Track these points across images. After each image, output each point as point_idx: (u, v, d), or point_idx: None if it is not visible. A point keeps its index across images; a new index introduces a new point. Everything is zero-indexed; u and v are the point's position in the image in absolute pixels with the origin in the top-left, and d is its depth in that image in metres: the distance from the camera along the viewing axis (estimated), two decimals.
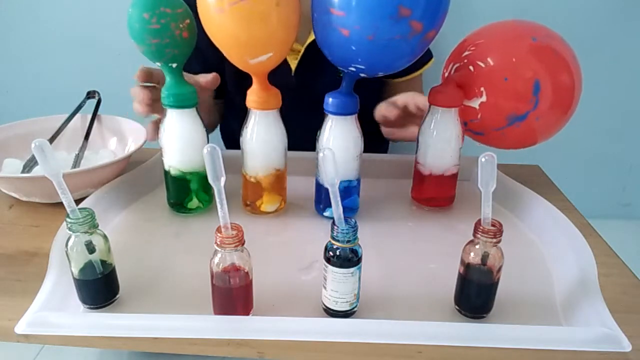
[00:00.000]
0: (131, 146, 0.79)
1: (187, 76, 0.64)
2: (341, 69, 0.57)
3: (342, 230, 0.44)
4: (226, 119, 0.99)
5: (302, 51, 0.82)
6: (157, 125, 0.65)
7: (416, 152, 0.69)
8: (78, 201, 0.52)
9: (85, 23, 1.33)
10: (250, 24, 0.52)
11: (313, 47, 0.79)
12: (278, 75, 0.61)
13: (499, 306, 0.49)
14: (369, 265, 0.53)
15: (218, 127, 1.02)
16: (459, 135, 0.65)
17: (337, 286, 0.46)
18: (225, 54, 0.57)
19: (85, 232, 0.45)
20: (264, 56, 0.55)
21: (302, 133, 0.68)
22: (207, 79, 0.67)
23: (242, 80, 0.60)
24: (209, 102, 0.81)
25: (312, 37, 0.79)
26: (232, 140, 1.05)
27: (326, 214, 0.66)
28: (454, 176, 0.68)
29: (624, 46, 1.29)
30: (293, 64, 0.83)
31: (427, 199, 0.70)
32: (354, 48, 0.52)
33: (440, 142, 0.65)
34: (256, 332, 0.44)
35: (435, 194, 0.69)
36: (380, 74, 0.57)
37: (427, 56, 0.92)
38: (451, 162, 0.66)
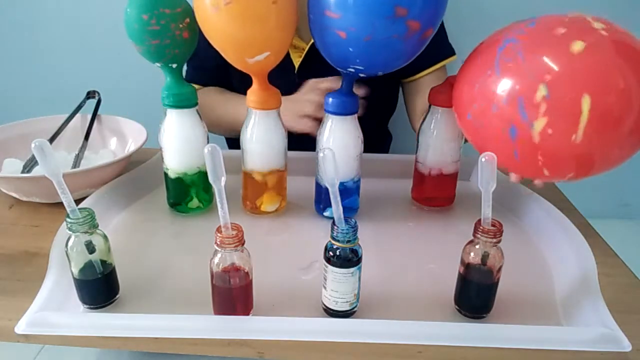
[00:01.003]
0: (131, 146, 0.79)
1: None
2: (340, 69, 0.57)
3: (342, 230, 0.44)
4: None
5: (307, 49, 0.81)
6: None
7: (416, 152, 0.69)
8: (78, 201, 0.52)
9: (85, 23, 1.33)
10: (246, 23, 0.51)
11: None
12: (281, 74, 0.61)
13: (499, 306, 0.49)
14: (369, 265, 0.53)
15: None
16: (459, 135, 0.65)
17: (337, 286, 0.46)
18: (222, 54, 0.56)
19: (85, 232, 0.45)
20: (261, 55, 0.54)
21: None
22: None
23: (246, 78, 0.60)
24: None
25: None
26: (234, 139, 1.04)
27: (326, 214, 0.66)
28: (454, 176, 0.68)
29: None
30: (297, 62, 0.83)
31: (427, 199, 0.70)
32: (351, 49, 0.52)
33: (440, 142, 0.65)
34: (256, 332, 0.44)
35: (436, 193, 0.69)
36: (380, 74, 0.57)
37: (448, 51, 0.86)
38: (451, 162, 0.66)
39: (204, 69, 0.87)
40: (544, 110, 0.45)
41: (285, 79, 0.61)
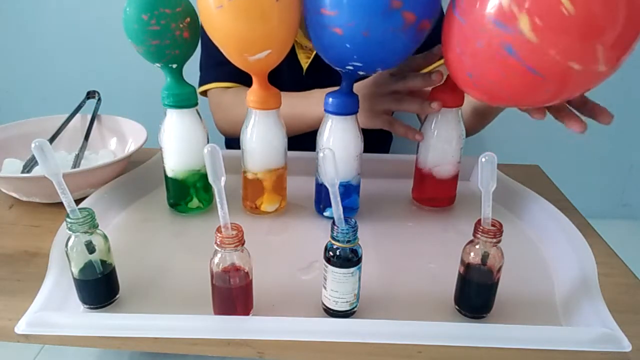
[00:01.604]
0: (131, 146, 0.79)
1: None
2: (338, 69, 0.57)
3: (342, 230, 0.44)
4: None
5: (315, 51, 0.81)
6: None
7: (417, 152, 0.69)
8: (78, 201, 0.52)
9: (85, 23, 1.33)
10: (249, 20, 0.51)
11: None
12: (289, 75, 0.60)
13: (499, 306, 0.49)
14: (369, 265, 0.53)
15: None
16: (459, 135, 0.65)
17: (337, 286, 0.46)
18: (224, 52, 0.56)
19: (85, 232, 0.45)
20: (262, 53, 0.54)
21: (310, 134, 0.68)
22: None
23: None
24: None
25: None
26: (234, 139, 1.04)
27: (326, 214, 0.66)
28: (455, 176, 0.68)
29: None
30: (305, 64, 0.83)
31: (427, 199, 0.70)
32: (348, 46, 0.52)
33: (441, 142, 0.65)
34: (256, 332, 0.44)
35: (436, 194, 0.69)
36: (379, 70, 0.57)
37: None
38: (452, 163, 0.66)
39: (225, 63, 0.86)
40: (517, 9, 0.44)
41: (294, 80, 0.60)
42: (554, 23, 0.43)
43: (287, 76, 0.59)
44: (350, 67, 0.55)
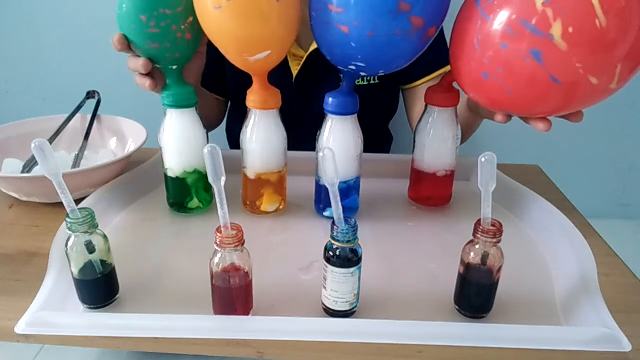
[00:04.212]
0: (131, 146, 0.79)
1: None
2: (341, 68, 0.57)
3: (342, 230, 0.44)
4: (231, 118, 0.99)
5: (305, 58, 0.81)
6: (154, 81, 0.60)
7: (413, 152, 0.69)
8: (78, 201, 0.52)
9: (85, 23, 1.33)
10: (249, 20, 0.51)
11: (316, 55, 0.79)
12: (279, 81, 0.61)
13: (499, 306, 0.49)
14: (369, 265, 0.53)
15: (224, 128, 1.02)
16: (455, 135, 0.65)
17: (337, 286, 0.46)
18: (223, 53, 0.56)
19: (85, 232, 0.45)
20: (262, 54, 0.54)
21: (300, 139, 0.68)
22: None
23: (245, 79, 0.60)
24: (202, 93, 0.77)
25: (315, 45, 0.79)
26: (236, 140, 1.04)
27: (326, 214, 0.66)
28: (451, 176, 0.68)
29: None
30: (295, 71, 0.83)
31: (424, 199, 0.70)
32: (353, 45, 0.52)
33: (436, 141, 0.65)
34: (256, 332, 0.44)
35: (432, 193, 0.69)
36: (381, 73, 0.57)
37: (445, 61, 0.87)
38: (448, 162, 0.66)
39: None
40: (552, 14, 0.43)
41: (283, 87, 0.61)
42: (586, 33, 0.43)
43: (276, 83, 0.59)
44: (353, 67, 0.55)
